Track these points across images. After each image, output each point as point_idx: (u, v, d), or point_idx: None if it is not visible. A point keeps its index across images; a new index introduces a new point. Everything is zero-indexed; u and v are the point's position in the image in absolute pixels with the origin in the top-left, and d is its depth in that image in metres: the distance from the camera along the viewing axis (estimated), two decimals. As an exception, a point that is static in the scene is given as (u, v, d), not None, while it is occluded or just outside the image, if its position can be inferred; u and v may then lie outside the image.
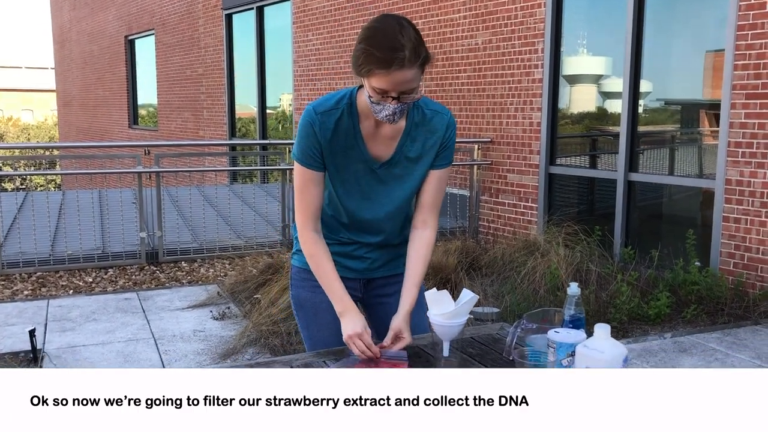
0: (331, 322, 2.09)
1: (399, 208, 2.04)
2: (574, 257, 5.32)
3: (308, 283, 2.11)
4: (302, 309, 2.14)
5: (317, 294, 2.09)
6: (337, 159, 1.94)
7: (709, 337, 4.50)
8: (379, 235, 2.07)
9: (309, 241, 2.00)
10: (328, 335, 2.10)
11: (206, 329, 4.74)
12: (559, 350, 1.65)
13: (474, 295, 1.82)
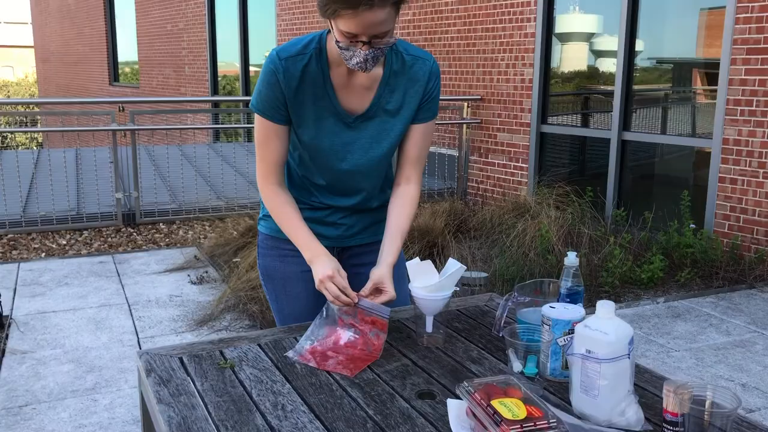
0: (302, 294, 1.90)
1: (377, 167, 1.83)
2: (565, 219, 5.15)
3: (276, 252, 1.91)
4: (271, 280, 1.95)
5: (287, 264, 1.90)
6: (305, 112, 1.73)
7: (704, 302, 4.37)
8: (355, 197, 1.87)
9: (271, 194, 1.80)
10: (299, 308, 1.91)
11: (183, 294, 4.55)
12: (554, 328, 1.47)
13: (461, 266, 1.63)
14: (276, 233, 1.91)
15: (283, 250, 1.90)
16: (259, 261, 1.97)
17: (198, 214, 6.39)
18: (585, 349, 1.29)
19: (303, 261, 1.89)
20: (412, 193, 1.86)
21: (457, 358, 1.61)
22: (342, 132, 1.76)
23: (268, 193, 1.81)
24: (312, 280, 1.90)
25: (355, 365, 1.57)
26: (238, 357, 1.62)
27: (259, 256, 1.97)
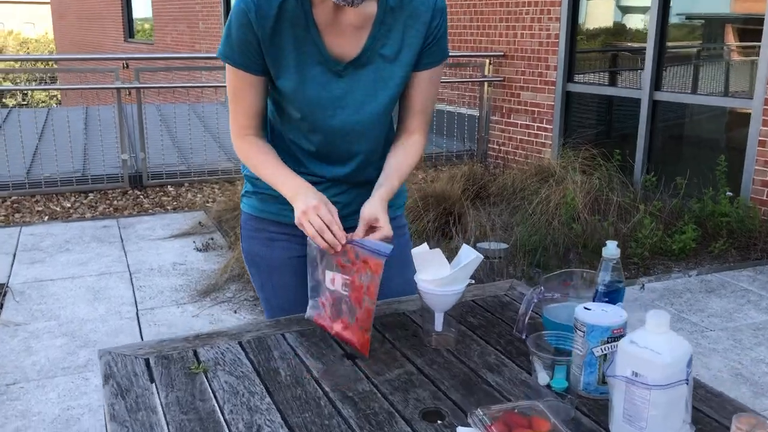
0: (291, 284, 1.66)
1: (375, 125, 1.56)
2: (591, 185, 4.83)
3: (262, 235, 1.67)
4: (256, 267, 1.70)
5: (273, 249, 1.65)
6: (284, 59, 1.45)
7: (740, 276, 4.07)
8: (351, 163, 1.59)
9: (246, 144, 1.55)
10: (289, 300, 1.67)
11: (187, 262, 4.35)
12: (590, 335, 1.20)
13: (477, 255, 1.37)
14: (261, 212, 1.66)
15: (269, 232, 1.65)
16: (242, 245, 1.73)
17: (207, 177, 6.17)
18: (631, 371, 1.02)
19: (293, 246, 1.64)
20: (417, 141, 1.60)
21: (471, 364, 1.36)
22: (330, 83, 1.48)
23: (242, 144, 1.55)
24: (305, 267, 1.65)
25: (363, 338, 1.37)
26: (213, 359, 1.38)
27: (242, 240, 1.72)
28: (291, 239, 1.65)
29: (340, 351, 1.41)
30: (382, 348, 1.42)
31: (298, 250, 1.65)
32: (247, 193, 1.69)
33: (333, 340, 1.46)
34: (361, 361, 1.36)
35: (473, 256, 1.36)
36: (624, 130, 5.83)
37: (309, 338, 1.47)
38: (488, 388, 1.27)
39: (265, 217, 1.65)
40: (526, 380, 1.30)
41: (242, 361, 1.38)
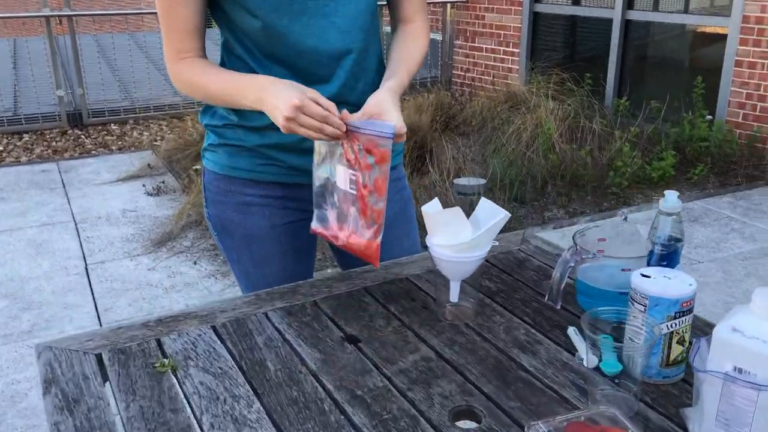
0: (276, 256, 1.40)
1: (356, 32, 1.28)
2: (564, 112, 4.61)
3: (233, 199, 1.38)
4: (228, 236, 1.42)
5: (250, 216, 1.37)
6: None
7: (721, 202, 3.95)
8: (331, 83, 1.29)
9: (184, 68, 1.26)
10: (273, 272, 1.41)
11: (138, 208, 4.01)
12: (653, 310, 0.98)
13: (505, 214, 1.12)
14: (231, 170, 1.36)
15: (243, 195, 1.37)
16: (208, 211, 1.43)
17: (153, 113, 5.73)
18: (732, 366, 0.80)
19: (274, 211, 1.37)
20: (419, 27, 1.36)
21: (499, 343, 1.12)
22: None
23: (180, 70, 1.25)
24: (289, 234, 1.38)
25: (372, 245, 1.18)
26: (183, 350, 1.12)
27: (207, 204, 1.43)
28: (271, 203, 1.37)
29: (338, 333, 1.16)
30: (389, 326, 1.17)
31: (281, 216, 1.38)
32: (211, 146, 1.39)
33: (328, 318, 1.20)
34: (366, 345, 1.12)
35: (501, 215, 1.10)
36: (595, 53, 5.58)
37: (298, 317, 1.21)
38: (526, 375, 1.04)
39: (237, 176, 1.36)
40: (568, 362, 1.07)
41: (219, 352, 1.11)
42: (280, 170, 1.35)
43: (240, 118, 1.33)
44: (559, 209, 3.86)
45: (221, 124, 1.35)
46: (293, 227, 1.41)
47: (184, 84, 1.28)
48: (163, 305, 2.91)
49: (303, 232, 1.41)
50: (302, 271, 1.46)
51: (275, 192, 1.36)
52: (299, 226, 1.41)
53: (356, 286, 1.32)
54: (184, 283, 3.09)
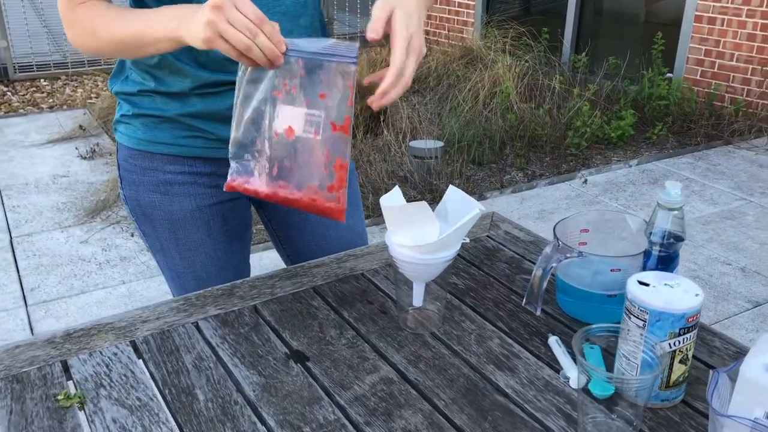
0: (205, 242, 1.22)
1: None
2: (522, 68, 4.45)
3: (152, 178, 1.18)
4: (148, 221, 1.22)
5: (173, 198, 1.18)
6: None
7: (680, 163, 3.87)
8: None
9: (82, 13, 1.03)
10: (200, 265, 1.23)
11: (70, 173, 3.71)
12: (654, 325, 0.83)
13: (479, 209, 0.94)
14: (148, 144, 1.17)
15: (164, 173, 1.18)
16: (124, 193, 1.23)
17: (87, 68, 5.34)
18: (764, 413, 0.65)
19: (200, 191, 1.18)
20: None
21: (470, 358, 0.96)
22: None
23: (79, 14, 1.02)
24: (219, 217, 1.19)
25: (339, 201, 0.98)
26: (94, 376, 0.93)
27: (123, 185, 1.23)
28: (197, 181, 1.19)
29: (282, 348, 0.98)
30: (342, 338, 1.00)
31: (209, 195, 1.20)
32: (124, 117, 1.18)
33: (270, 329, 1.02)
34: (316, 364, 0.95)
35: (473, 212, 0.93)
36: (552, 6, 5.40)
37: (234, 327, 1.03)
38: (503, 400, 0.89)
39: (156, 151, 1.17)
40: (551, 381, 0.92)
41: (138, 377, 0.93)
42: (207, 143, 1.16)
43: (157, 83, 1.13)
44: (517, 171, 3.72)
45: (135, 91, 1.15)
46: (223, 208, 1.23)
47: (84, 33, 1.04)
48: (96, 282, 2.68)
49: (235, 213, 1.24)
50: (235, 261, 1.28)
51: (202, 168, 1.18)
52: (230, 207, 1.24)
53: (304, 285, 1.14)
54: (121, 258, 2.86)
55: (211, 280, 1.22)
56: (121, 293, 2.61)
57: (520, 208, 3.32)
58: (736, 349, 0.98)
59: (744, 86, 4.38)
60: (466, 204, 0.96)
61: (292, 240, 1.33)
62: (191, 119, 1.14)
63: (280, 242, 1.35)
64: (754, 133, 4.22)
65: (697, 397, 0.89)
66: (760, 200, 3.40)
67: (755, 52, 4.28)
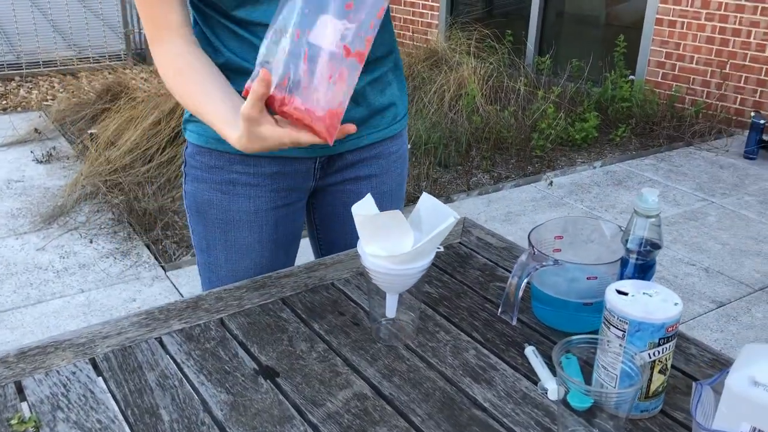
0: (253, 246, 1.23)
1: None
2: (486, 70, 4.46)
3: (218, 176, 1.19)
4: (201, 220, 1.23)
5: (233, 197, 1.19)
6: None
7: (643, 165, 3.92)
8: None
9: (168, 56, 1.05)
10: (242, 268, 1.24)
11: (25, 178, 3.60)
12: (634, 336, 0.81)
13: (454, 218, 0.92)
14: (217, 143, 1.17)
15: (230, 173, 1.18)
16: (186, 188, 1.24)
17: (42, 69, 5.20)
18: (751, 427, 0.64)
19: (262, 194, 1.20)
20: None
21: (446, 371, 0.94)
22: None
23: (161, 59, 1.05)
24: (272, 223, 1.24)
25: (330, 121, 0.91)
26: (50, 398, 0.88)
27: (186, 181, 1.23)
28: (260, 183, 1.20)
29: (251, 364, 0.94)
30: (313, 352, 0.97)
31: (268, 199, 1.21)
32: (194, 116, 1.18)
33: (238, 344, 0.98)
34: (286, 380, 0.91)
35: (448, 221, 0.90)
36: (516, 8, 5.43)
37: (200, 342, 0.98)
38: (481, 414, 0.86)
39: (225, 150, 1.17)
40: (529, 394, 0.90)
41: (99, 397, 0.88)
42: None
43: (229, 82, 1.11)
44: (483, 174, 3.72)
45: None
46: (278, 214, 1.24)
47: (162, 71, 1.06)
48: (54, 291, 2.59)
49: (287, 222, 1.25)
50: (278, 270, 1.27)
51: (267, 168, 1.19)
52: (284, 213, 1.24)
53: (272, 296, 1.10)
54: (79, 265, 2.77)
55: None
56: (80, 302, 2.53)
57: (487, 210, 3.32)
58: (712, 356, 0.97)
59: (704, 88, 4.46)
60: (441, 212, 0.94)
61: (329, 231, 1.34)
62: None
63: (316, 231, 1.36)
64: (714, 134, 4.30)
65: (675, 407, 0.87)
66: (721, 201, 3.46)
67: (714, 55, 4.36)
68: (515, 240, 2.99)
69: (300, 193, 1.26)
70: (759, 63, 4.19)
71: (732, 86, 4.34)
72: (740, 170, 3.84)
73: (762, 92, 4.22)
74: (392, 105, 1.24)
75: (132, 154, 3.38)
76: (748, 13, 4.16)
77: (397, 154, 1.30)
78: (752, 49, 4.20)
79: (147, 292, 2.60)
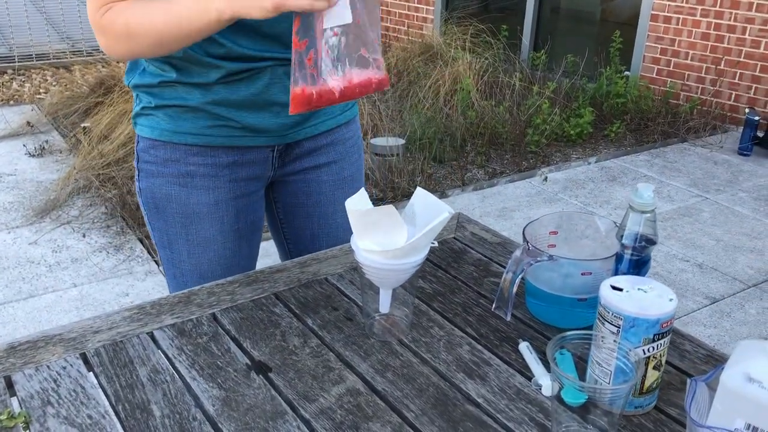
0: (216, 238, 1.21)
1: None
2: (482, 65, 4.45)
3: (174, 169, 1.17)
4: (160, 216, 1.21)
5: (192, 190, 1.17)
6: None
7: (638, 161, 3.92)
8: None
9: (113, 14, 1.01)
10: (206, 262, 1.22)
11: (18, 172, 3.58)
12: (629, 331, 0.81)
13: (448, 212, 0.91)
14: (172, 135, 1.15)
15: (186, 165, 1.16)
16: (140, 185, 1.21)
17: (35, 62, 5.16)
18: (745, 423, 0.64)
19: (220, 185, 1.18)
20: None
21: (440, 366, 0.93)
22: None
23: (111, 18, 1.01)
24: (232, 213, 1.22)
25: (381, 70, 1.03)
26: (40, 393, 0.87)
27: (140, 177, 1.21)
28: (219, 173, 1.18)
29: (243, 359, 0.93)
30: (306, 347, 0.96)
31: (227, 189, 1.19)
32: (145, 109, 1.16)
33: (230, 338, 0.98)
34: (279, 375, 0.90)
35: (442, 215, 0.90)
36: (511, 3, 5.42)
37: (192, 336, 0.98)
38: (474, 410, 0.86)
39: (181, 142, 1.15)
40: (523, 389, 0.90)
41: (89, 392, 0.87)
42: (231, 131, 1.16)
43: (179, 74, 1.11)
44: (478, 169, 3.72)
45: (155, 83, 1.13)
46: (238, 204, 1.22)
47: (118, 38, 1.02)
48: (46, 286, 2.58)
49: (248, 212, 1.24)
50: (243, 263, 1.27)
51: (224, 158, 1.17)
52: (244, 203, 1.23)
53: (265, 291, 1.09)
54: (72, 259, 2.76)
55: (216, 279, 1.20)
56: (73, 297, 2.51)
57: (482, 206, 3.31)
58: (707, 352, 0.97)
59: (699, 84, 4.46)
60: (435, 207, 0.93)
61: (294, 223, 1.33)
62: (215, 107, 1.13)
63: (281, 225, 1.35)
64: (708, 130, 4.30)
65: (669, 403, 0.87)
66: (715, 197, 3.47)
67: (709, 51, 4.36)
68: (510, 235, 2.99)
69: (259, 182, 1.25)
70: (754, 59, 4.20)
71: (726, 82, 4.34)
72: (734, 166, 3.85)
73: (756, 89, 4.23)
74: None
75: (125, 148, 3.36)
76: (743, 10, 4.16)
77: (353, 140, 1.32)
78: (747, 46, 4.20)
79: (140, 287, 2.58)
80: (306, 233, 1.33)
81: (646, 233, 0.90)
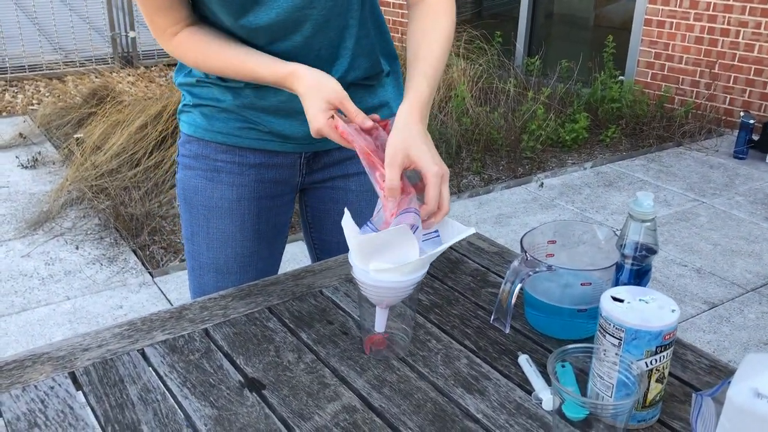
0: (230, 235, 1.23)
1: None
2: (476, 71, 4.44)
3: (203, 164, 1.21)
4: (188, 207, 1.25)
5: (217, 185, 1.21)
6: None
7: (633, 165, 3.91)
8: (337, 61, 1.13)
9: (178, 43, 1.10)
10: (222, 257, 1.24)
11: (11, 183, 3.55)
12: (630, 344, 0.79)
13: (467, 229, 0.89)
14: (204, 132, 1.19)
15: (215, 161, 1.20)
16: (177, 176, 1.26)
17: (28, 73, 5.14)
18: (753, 440, 0.62)
19: (245, 181, 1.21)
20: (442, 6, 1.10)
21: (437, 380, 0.91)
22: None
23: (176, 46, 1.10)
24: (254, 213, 1.24)
25: None
26: (27, 414, 0.84)
27: (178, 169, 1.26)
28: (244, 172, 1.21)
29: (236, 376, 0.91)
30: (301, 363, 0.94)
31: (251, 189, 1.22)
32: (186, 107, 1.22)
33: (223, 355, 0.95)
34: (272, 393, 0.88)
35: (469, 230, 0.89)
36: (505, 9, 5.42)
37: (184, 353, 0.95)
38: (474, 426, 0.84)
39: (211, 139, 1.19)
40: (523, 404, 0.88)
41: (78, 414, 0.85)
42: (259, 134, 1.19)
43: (215, 75, 1.15)
44: (474, 176, 3.70)
45: (194, 82, 1.19)
46: (261, 205, 1.24)
47: (189, 63, 1.12)
48: (39, 299, 2.55)
49: (271, 214, 1.25)
50: (260, 265, 1.28)
51: (251, 159, 1.20)
52: (268, 205, 1.25)
53: (258, 305, 1.07)
54: (65, 272, 2.73)
55: (232, 276, 1.24)
56: (66, 310, 2.49)
57: (478, 213, 3.29)
58: (710, 362, 0.95)
59: (693, 88, 4.46)
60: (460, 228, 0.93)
61: (322, 229, 1.33)
62: (244, 110, 1.17)
63: (310, 229, 1.36)
64: (703, 134, 4.30)
65: (673, 416, 0.85)
66: (711, 201, 3.46)
67: (703, 55, 4.36)
68: (507, 242, 2.97)
69: (286, 186, 1.27)
70: (748, 63, 4.20)
71: (721, 86, 4.34)
72: (730, 170, 3.84)
73: (751, 92, 4.23)
74: (384, 105, 1.24)
75: (119, 159, 3.33)
76: (736, 13, 4.16)
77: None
78: (741, 49, 4.20)
79: (134, 299, 2.56)
80: (332, 240, 1.33)
81: (647, 242, 0.88)
